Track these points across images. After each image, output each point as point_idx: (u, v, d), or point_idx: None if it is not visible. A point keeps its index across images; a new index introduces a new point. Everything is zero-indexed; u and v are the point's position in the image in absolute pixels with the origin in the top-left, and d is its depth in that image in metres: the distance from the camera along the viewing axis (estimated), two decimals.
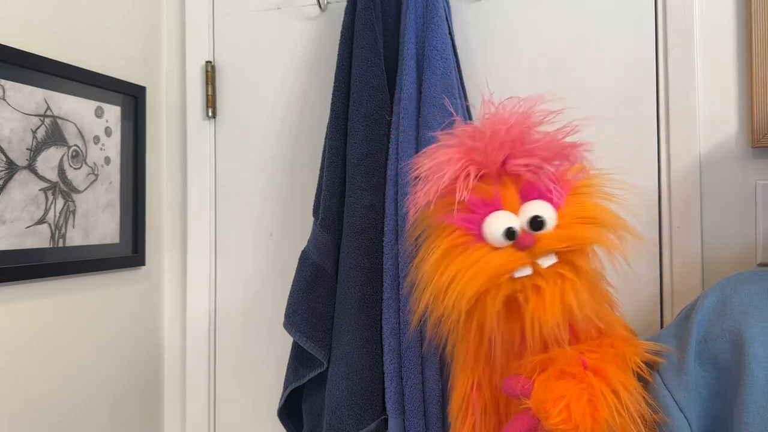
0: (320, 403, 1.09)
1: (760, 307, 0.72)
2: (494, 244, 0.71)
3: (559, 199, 0.72)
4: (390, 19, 1.09)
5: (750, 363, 0.68)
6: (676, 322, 0.80)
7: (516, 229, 0.70)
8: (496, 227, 0.71)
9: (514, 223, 0.71)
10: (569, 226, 0.71)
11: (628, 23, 1.06)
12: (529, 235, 0.70)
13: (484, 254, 0.70)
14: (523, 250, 0.70)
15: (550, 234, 0.70)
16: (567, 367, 0.69)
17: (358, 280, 1.02)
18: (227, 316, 1.29)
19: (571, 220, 0.71)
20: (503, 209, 0.72)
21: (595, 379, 0.68)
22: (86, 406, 1.13)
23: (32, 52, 1.02)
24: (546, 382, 0.68)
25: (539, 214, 0.71)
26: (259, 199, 1.27)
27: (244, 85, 1.28)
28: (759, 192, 1.00)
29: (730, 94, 1.01)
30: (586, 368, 0.69)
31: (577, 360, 0.70)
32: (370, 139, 1.04)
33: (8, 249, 0.98)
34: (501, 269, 0.69)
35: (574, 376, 0.68)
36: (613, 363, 0.71)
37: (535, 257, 0.70)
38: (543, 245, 0.70)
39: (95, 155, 1.15)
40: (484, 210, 0.72)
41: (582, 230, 0.71)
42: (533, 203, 0.72)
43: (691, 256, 1.01)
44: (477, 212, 0.72)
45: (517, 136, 0.73)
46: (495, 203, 0.72)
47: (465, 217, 0.72)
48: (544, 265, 0.70)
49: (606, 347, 0.73)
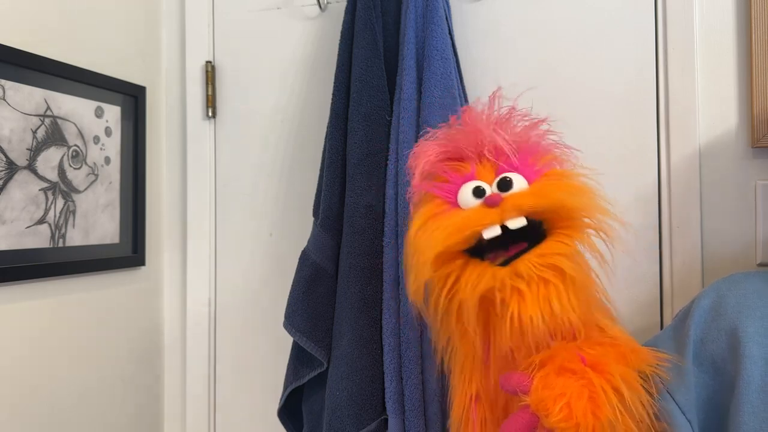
0: (320, 403, 1.09)
1: (755, 306, 0.72)
2: (465, 207, 0.74)
3: (532, 175, 0.75)
4: (390, 19, 1.09)
5: (745, 362, 0.68)
6: (673, 324, 0.80)
7: (484, 188, 0.74)
8: (467, 188, 0.75)
9: (484, 186, 0.75)
10: (540, 189, 0.73)
11: (628, 24, 1.06)
12: (497, 194, 0.73)
13: (456, 215, 0.74)
14: (491, 207, 0.72)
15: (519, 192, 0.73)
16: (567, 363, 0.68)
17: (358, 280, 1.02)
18: (227, 315, 1.29)
19: (543, 185, 0.74)
20: (477, 179, 0.76)
21: (595, 375, 0.67)
22: (86, 406, 1.13)
23: (32, 52, 1.02)
24: (545, 379, 0.67)
25: (507, 175, 0.74)
26: (259, 199, 1.27)
27: (244, 85, 1.28)
28: (759, 192, 1.00)
29: (730, 94, 1.01)
30: (585, 364, 0.68)
31: (576, 356, 0.69)
32: (370, 139, 1.04)
33: (8, 249, 0.98)
34: (467, 222, 0.71)
35: (574, 372, 0.67)
36: (614, 359, 0.70)
37: (504, 216, 0.71)
38: (512, 202, 0.72)
39: (95, 155, 1.15)
40: (461, 181, 0.76)
41: (553, 192, 0.72)
42: (506, 174, 0.75)
43: (691, 256, 1.01)
44: (454, 183, 0.77)
45: (495, 125, 0.77)
46: (471, 176, 0.76)
47: (444, 187, 0.77)
48: (511, 226, 0.70)
49: (607, 345, 0.72)
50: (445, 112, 1.00)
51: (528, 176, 0.75)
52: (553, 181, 0.75)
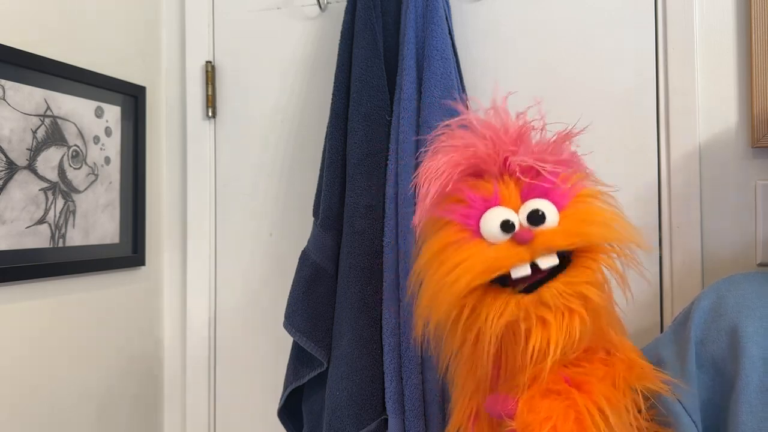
0: (320, 403, 1.09)
1: (755, 306, 0.72)
2: (491, 240, 0.67)
3: (562, 199, 0.68)
4: (390, 19, 1.09)
5: (745, 363, 0.68)
6: (673, 327, 0.80)
7: (513, 222, 0.67)
8: (493, 220, 0.67)
9: (513, 217, 0.67)
10: (573, 225, 0.67)
11: (628, 24, 1.06)
12: (527, 229, 0.66)
13: (481, 249, 0.67)
14: (521, 244, 0.66)
15: (551, 230, 0.66)
16: (551, 385, 0.66)
17: (358, 280, 1.02)
18: (227, 315, 1.29)
19: (575, 220, 0.68)
20: (502, 205, 0.69)
21: (579, 395, 0.65)
22: (86, 406, 1.13)
23: (32, 52, 1.02)
24: (530, 402, 0.65)
25: (539, 207, 0.67)
26: (259, 199, 1.27)
27: (244, 85, 1.28)
28: (759, 192, 1.00)
29: (730, 94, 1.01)
30: (569, 384, 0.66)
31: (560, 377, 0.67)
32: (370, 139, 1.04)
33: (8, 249, 0.98)
34: (496, 263, 0.65)
35: (559, 394, 0.65)
36: (600, 380, 0.68)
37: (535, 254, 0.65)
38: (543, 240, 0.65)
39: (95, 155, 1.15)
40: (482, 206, 0.69)
41: (586, 227, 0.67)
42: (534, 201, 0.68)
43: (691, 256, 1.01)
44: (475, 208, 0.69)
45: (516, 136, 0.71)
46: (494, 199, 0.69)
47: (462, 212, 0.69)
48: (543, 266, 0.65)
49: (596, 363, 0.69)
50: (445, 112, 1.00)
51: (557, 201, 0.68)
52: (583, 209, 0.69)
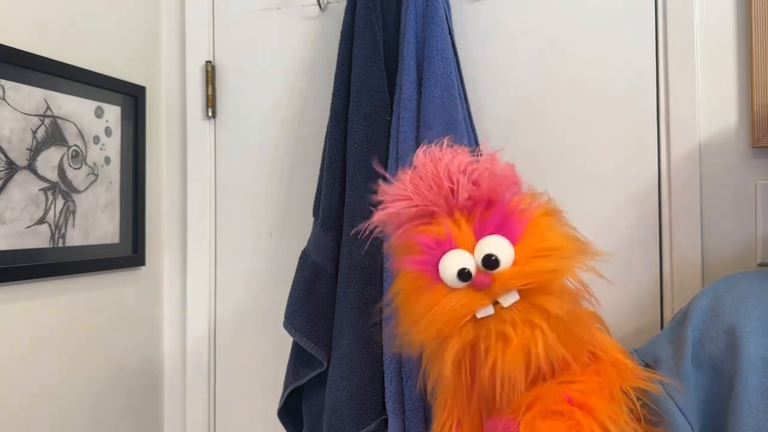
0: (320, 403, 1.09)
1: (753, 306, 0.72)
2: (451, 286, 0.68)
3: (515, 228, 0.68)
4: (390, 19, 1.09)
5: (743, 363, 0.68)
6: (671, 327, 0.80)
7: (470, 270, 0.67)
8: (450, 269, 0.68)
9: (468, 263, 0.67)
10: (527, 262, 0.67)
11: (628, 24, 1.06)
12: (484, 274, 0.67)
13: (442, 296, 0.68)
14: (480, 290, 0.67)
15: (506, 272, 0.67)
16: (553, 405, 0.66)
17: (358, 279, 1.02)
18: (227, 316, 1.29)
19: (529, 254, 0.67)
20: (457, 248, 0.69)
21: (582, 415, 0.65)
22: (86, 406, 1.13)
23: (32, 52, 1.02)
24: (532, 423, 0.65)
25: (492, 252, 0.67)
26: (259, 199, 1.27)
27: (244, 85, 1.28)
28: (759, 192, 1.00)
29: (730, 94, 1.01)
30: (571, 403, 0.66)
31: (562, 396, 0.67)
32: (370, 139, 1.04)
33: (8, 249, 0.98)
34: (459, 312, 0.66)
35: (561, 414, 0.65)
36: (598, 394, 0.68)
37: (494, 296, 0.67)
38: (500, 284, 0.66)
39: (95, 155, 1.15)
40: (438, 250, 0.69)
41: (541, 264, 0.67)
42: (488, 239, 0.68)
43: (691, 256, 1.01)
44: (431, 253, 0.69)
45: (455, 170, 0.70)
46: (448, 243, 0.69)
47: (419, 260, 0.70)
48: (505, 303, 0.66)
49: (590, 375, 0.70)
50: (445, 112, 1.00)
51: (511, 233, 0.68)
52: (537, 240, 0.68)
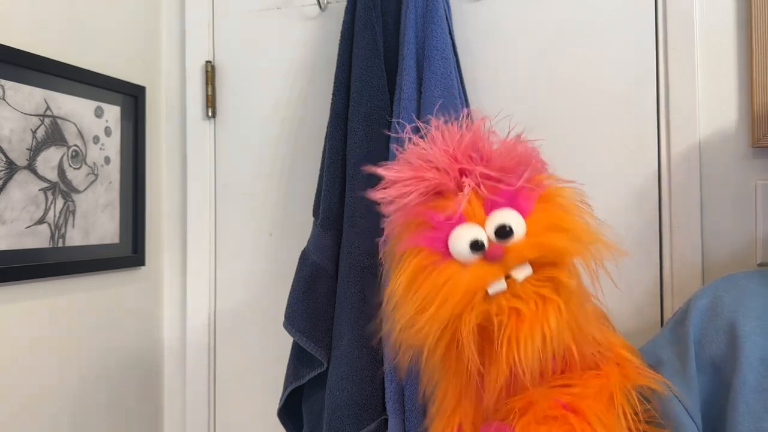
0: (320, 403, 1.09)
1: (751, 306, 0.72)
2: (463, 261, 0.65)
3: (526, 203, 0.67)
4: (390, 19, 1.09)
5: (742, 362, 0.68)
6: (671, 326, 0.80)
7: (482, 241, 0.65)
8: (462, 241, 0.65)
9: (480, 235, 0.65)
10: (540, 234, 0.66)
11: (628, 24, 1.06)
12: (497, 245, 0.65)
13: (454, 272, 0.65)
14: (493, 262, 0.65)
15: (520, 243, 0.65)
16: (548, 410, 0.65)
17: (358, 279, 1.02)
18: (227, 316, 1.29)
19: (542, 227, 0.66)
20: (467, 222, 0.67)
21: (577, 420, 0.64)
22: (86, 406, 1.13)
23: (32, 52, 1.02)
24: (527, 429, 0.64)
25: (505, 222, 0.65)
26: (259, 199, 1.27)
27: (244, 85, 1.28)
28: (759, 192, 1.00)
29: (730, 94, 1.01)
30: (566, 408, 0.65)
31: (556, 401, 0.66)
32: (370, 139, 1.04)
33: (8, 249, 0.98)
34: (473, 286, 0.64)
35: (555, 419, 0.64)
36: (595, 398, 0.67)
37: (507, 269, 0.65)
38: (514, 255, 0.65)
39: (95, 155, 1.15)
40: (447, 226, 0.67)
41: (555, 239, 0.66)
42: (499, 212, 0.67)
43: (691, 256, 1.01)
44: (441, 229, 0.67)
45: (469, 145, 0.69)
46: (458, 217, 0.67)
47: (429, 236, 0.67)
48: (518, 276, 0.64)
49: (589, 378, 0.68)
50: (446, 112, 1.00)
51: (521, 207, 0.67)
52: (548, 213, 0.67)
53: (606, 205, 1.06)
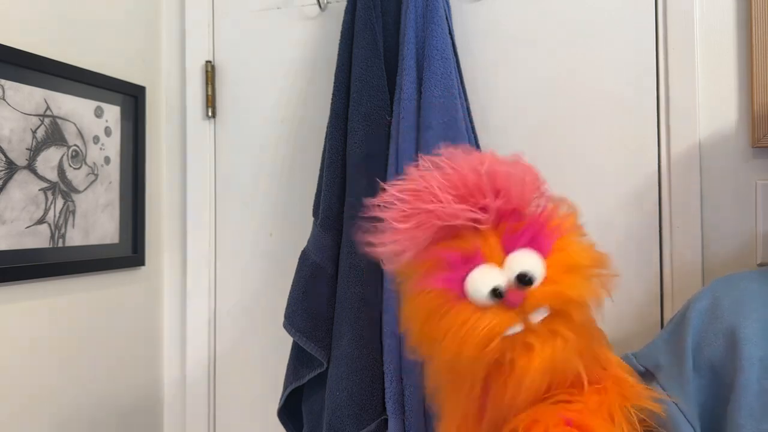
0: (320, 404, 1.09)
1: (752, 308, 0.72)
2: (479, 304, 0.64)
3: (546, 243, 0.66)
4: (390, 19, 1.09)
5: (743, 365, 0.68)
6: (669, 329, 0.79)
7: (502, 289, 0.63)
8: (481, 287, 0.64)
9: (500, 281, 0.64)
10: (559, 280, 0.65)
11: (628, 24, 1.06)
12: (518, 293, 0.63)
13: (470, 315, 0.64)
14: (512, 309, 0.64)
15: (540, 290, 0.64)
16: (552, 428, 0.65)
17: (358, 280, 1.02)
18: (227, 316, 1.29)
19: (560, 271, 0.65)
20: (485, 263, 0.65)
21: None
22: (86, 406, 1.13)
23: (32, 52, 1.02)
24: None
25: (527, 270, 0.64)
26: (259, 199, 1.27)
27: (244, 85, 1.28)
28: (759, 192, 1.00)
29: (730, 94, 1.01)
30: (570, 425, 0.65)
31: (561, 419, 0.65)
32: (370, 139, 1.04)
33: (8, 249, 0.98)
34: (492, 332, 0.63)
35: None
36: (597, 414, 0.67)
37: (525, 314, 0.64)
38: (533, 302, 0.64)
39: (95, 155, 1.15)
40: (464, 267, 0.65)
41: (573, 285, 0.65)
42: (518, 254, 0.65)
43: (691, 257, 1.01)
44: (457, 270, 0.65)
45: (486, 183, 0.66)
46: (476, 258, 0.65)
47: (444, 276, 0.65)
48: (535, 320, 0.64)
49: (589, 394, 0.68)
50: (445, 112, 1.00)
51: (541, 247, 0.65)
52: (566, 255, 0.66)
53: (606, 205, 1.06)
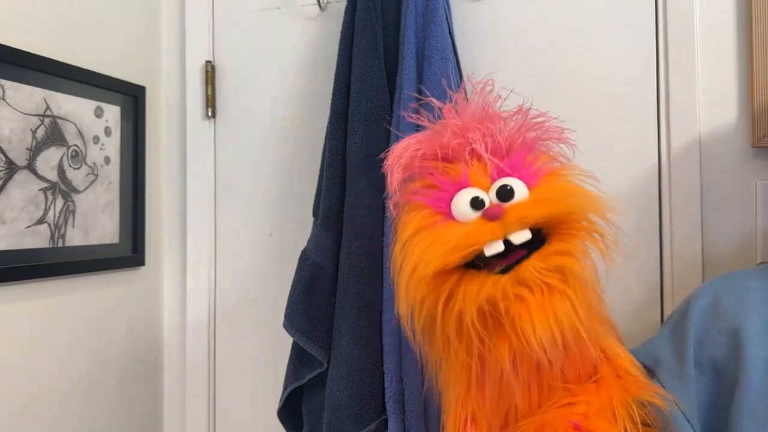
0: (320, 404, 1.09)
1: (754, 306, 0.72)
2: (463, 220, 0.68)
3: (531, 177, 0.69)
4: (390, 19, 1.09)
5: (746, 364, 0.68)
6: (669, 326, 0.79)
7: (483, 199, 0.67)
8: (463, 199, 0.68)
9: (482, 195, 0.68)
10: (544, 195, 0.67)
11: (627, 24, 1.06)
12: (497, 205, 0.66)
13: (452, 228, 0.67)
14: (492, 220, 0.66)
15: (520, 204, 0.67)
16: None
17: (358, 280, 1.02)
18: (227, 315, 1.29)
19: (546, 191, 0.68)
20: (472, 186, 0.69)
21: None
22: (86, 406, 1.13)
23: (32, 52, 1.02)
24: None
25: (507, 183, 0.67)
26: (259, 199, 1.27)
27: (244, 85, 1.28)
28: (759, 192, 1.00)
29: (730, 94, 1.01)
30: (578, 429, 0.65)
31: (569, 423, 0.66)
32: (370, 139, 1.04)
33: (8, 249, 0.98)
34: (468, 239, 0.65)
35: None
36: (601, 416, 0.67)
37: (507, 230, 0.65)
38: (514, 214, 0.65)
39: (95, 155, 1.15)
40: (452, 189, 0.70)
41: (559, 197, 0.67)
42: (503, 179, 0.69)
43: (691, 256, 1.01)
44: (446, 191, 0.70)
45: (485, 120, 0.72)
46: (463, 181, 0.70)
47: (434, 195, 0.70)
48: (516, 241, 0.65)
49: (590, 393, 0.69)
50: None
51: (526, 178, 0.69)
52: (553, 183, 0.69)
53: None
